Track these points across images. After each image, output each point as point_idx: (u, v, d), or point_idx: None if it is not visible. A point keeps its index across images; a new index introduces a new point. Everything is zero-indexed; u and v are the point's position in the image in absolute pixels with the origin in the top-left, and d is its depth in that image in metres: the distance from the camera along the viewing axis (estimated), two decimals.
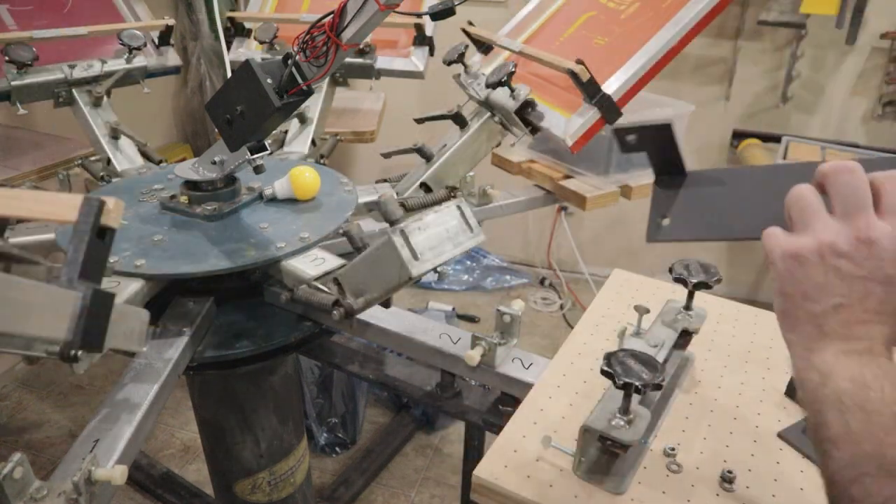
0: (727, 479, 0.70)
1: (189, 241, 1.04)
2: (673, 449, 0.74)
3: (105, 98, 1.44)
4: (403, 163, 1.37)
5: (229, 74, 1.81)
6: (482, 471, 0.85)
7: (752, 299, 2.99)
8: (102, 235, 0.62)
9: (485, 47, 1.61)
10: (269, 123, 1.00)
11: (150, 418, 0.83)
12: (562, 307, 3.03)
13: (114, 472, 0.67)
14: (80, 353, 0.62)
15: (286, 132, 1.50)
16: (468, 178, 1.36)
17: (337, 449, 2.17)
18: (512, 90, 1.28)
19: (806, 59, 2.52)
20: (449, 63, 1.44)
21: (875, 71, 2.55)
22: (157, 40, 1.66)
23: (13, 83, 1.36)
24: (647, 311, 1.05)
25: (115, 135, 1.39)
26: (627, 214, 3.01)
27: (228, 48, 1.87)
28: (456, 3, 0.96)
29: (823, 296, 0.46)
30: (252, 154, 1.05)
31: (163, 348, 0.92)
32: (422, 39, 1.73)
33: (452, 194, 0.90)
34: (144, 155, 1.41)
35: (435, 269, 0.87)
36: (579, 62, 1.21)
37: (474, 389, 1.08)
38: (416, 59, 1.73)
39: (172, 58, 1.68)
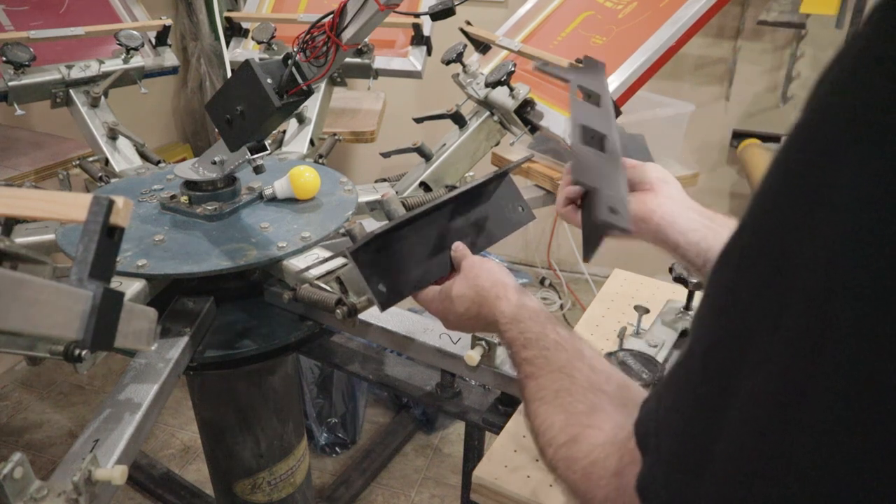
0: None
1: (190, 241, 1.04)
2: None
3: (102, 98, 1.44)
4: (403, 162, 1.37)
5: (229, 74, 1.81)
6: (482, 471, 0.85)
7: None
8: (111, 234, 0.62)
9: (483, 47, 1.61)
10: (269, 123, 1.00)
11: (150, 418, 0.83)
12: (562, 307, 3.03)
13: (114, 472, 0.67)
14: (84, 352, 0.61)
15: (284, 132, 1.50)
16: (467, 177, 1.36)
17: (337, 449, 2.17)
18: (511, 89, 1.28)
19: (806, 59, 2.52)
20: (448, 62, 1.44)
21: None
22: (154, 40, 1.66)
23: (10, 84, 1.36)
24: (647, 311, 1.05)
25: (112, 135, 1.39)
26: None
27: (228, 48, 1.87)
28: (456, 3, 0.96)
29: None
30: (252, 154, 1.05)
31: (163, 348, 0.92)
32: (420, 39, 1.73)
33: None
34: (143, 155, 1.40)
35: None
36: (579, 61, 1.21)
37: (474, 389, 1.07)
38: (414, 59, 1.73)
39: (170, 58, 1.67)
